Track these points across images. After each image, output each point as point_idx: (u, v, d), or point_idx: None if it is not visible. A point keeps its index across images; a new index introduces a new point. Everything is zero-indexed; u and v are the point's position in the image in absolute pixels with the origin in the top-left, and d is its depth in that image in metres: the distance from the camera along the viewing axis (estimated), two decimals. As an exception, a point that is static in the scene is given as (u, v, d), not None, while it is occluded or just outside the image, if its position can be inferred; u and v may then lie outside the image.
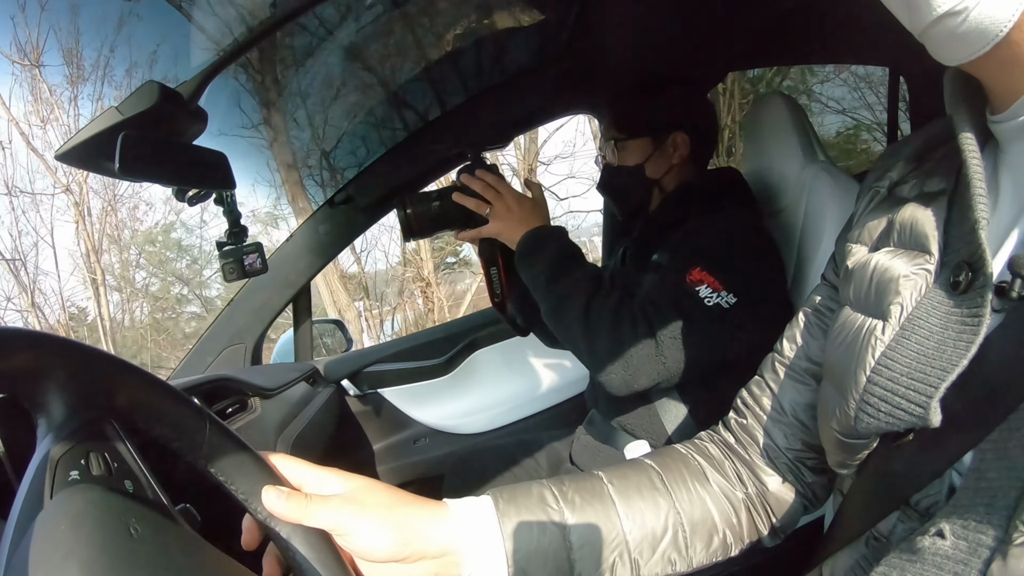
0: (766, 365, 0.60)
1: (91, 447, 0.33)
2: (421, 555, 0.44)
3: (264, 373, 1.25)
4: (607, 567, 0.50)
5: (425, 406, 1.62)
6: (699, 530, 0.53)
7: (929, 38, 0.34)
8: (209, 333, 1.49)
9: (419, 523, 0.44)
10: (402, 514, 0.44)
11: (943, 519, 0.35)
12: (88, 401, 0.35)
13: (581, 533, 0.49)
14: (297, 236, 1.49)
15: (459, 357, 1.64)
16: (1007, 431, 0.33)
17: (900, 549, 0.38)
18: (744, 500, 0.56)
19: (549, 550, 0.48)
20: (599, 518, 0.50)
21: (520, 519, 0.48)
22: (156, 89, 0.73)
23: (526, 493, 0.50)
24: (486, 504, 0.48)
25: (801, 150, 1.08)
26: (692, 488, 0.55)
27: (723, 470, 0.58)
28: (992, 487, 0.33)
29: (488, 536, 0.47)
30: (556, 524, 0.49)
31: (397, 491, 0.46)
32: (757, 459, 0.58)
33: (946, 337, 0.37)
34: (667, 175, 1.13)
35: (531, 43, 1.31)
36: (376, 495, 0.44)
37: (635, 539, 0.51)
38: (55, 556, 0.27)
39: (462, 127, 1.44)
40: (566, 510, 0.50)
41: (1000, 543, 0.32)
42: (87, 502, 0.30)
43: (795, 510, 0.57)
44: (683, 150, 1.11)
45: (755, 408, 0.59)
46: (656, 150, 1.11)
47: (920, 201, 0.44)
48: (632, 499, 0.52)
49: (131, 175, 0.72)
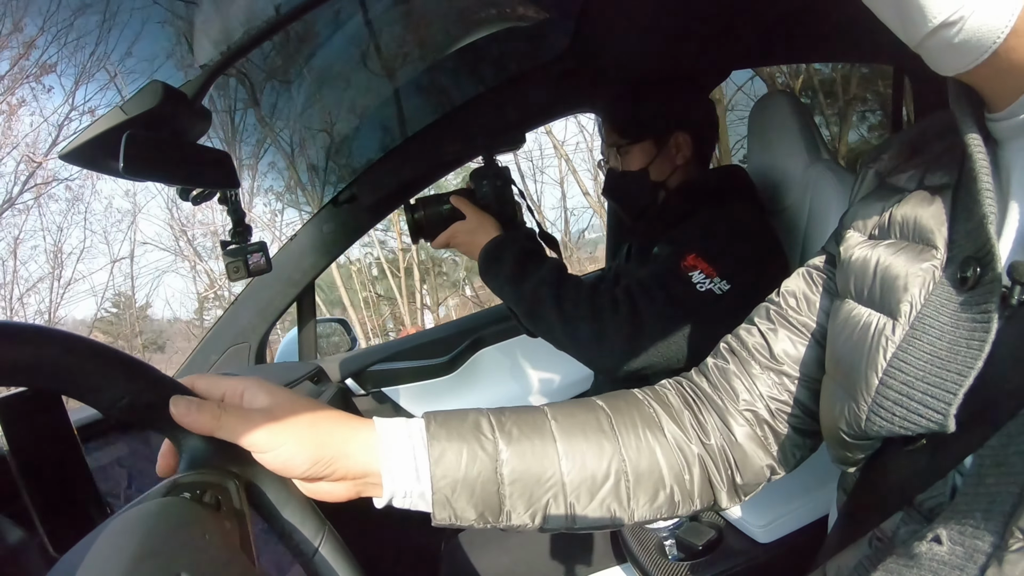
0: (759, 312, 0.58)
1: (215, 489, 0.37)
2: (342, 474, 0.43)
3: (268, 372, 1.25)
4: (540, 507, 0.47)
5: (429, 405, 1.63)
6: (644, 481, 0.50)
7: (926, 50, 0.34)
8: (213, 332, 1.50)
9: (340, 441, 0.43)
10: (323, 431, 0.42)
11: (941, 525, 0.35)
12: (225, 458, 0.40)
13: (514, 468, 0.46)
14: (301, 235, 1.49)
15: (463, 356, 1.64)
16: (1006, 437, 0.33)
17: (898, 554, 0.38)
18: (700, 456, 0.53)
19: (477, 481, 0.45)
20: (536, 454, 0.47)
21: (450, 444, 0.45)
22: (160, 88, 0.73)
23: (461, 418, 0.48)
24: (416, 426, 0.46)
25: (805, 149, 1.08)
26: (642, 436, 0.51)
27: (680, 421, 0.54)
28: (990, 493, 0.33)
29: (413, 459, 0.45)
30: (488, 455, 0.46)
31: (322, 407, 0.44)
32: (731, 406, 0.54)
33: (958, 337, 0.37)
34: (671, 176, 1.13)
35: (533, 42, 1.31)
36: (297, 411, 0.42)
37: (573, 481, 0.48)
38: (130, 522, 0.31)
39: (465, 126, 1.44)
40: (501, 441, 0.47)
41: (996, 549, 0.32)
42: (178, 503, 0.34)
43: (760, 469, 0.54)
44: (686, 150, 1.11)
45: (741, 353, 0.56)
46: (659, 153, 1.11)
47: (921, 194, 0.44)
48: (575, 438, 0.49)
49: (135, 175, 0.72)
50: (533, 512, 0.47)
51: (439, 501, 0.45)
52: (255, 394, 0.42)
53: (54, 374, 0.34)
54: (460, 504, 0.45)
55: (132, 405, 0.37)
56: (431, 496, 0.45)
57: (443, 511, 0.45)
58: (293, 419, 0.41)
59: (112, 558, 0.28)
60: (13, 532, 0.53)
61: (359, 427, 0.45)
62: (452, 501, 0.45)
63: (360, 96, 1.37)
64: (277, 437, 0.40)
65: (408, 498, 0.45)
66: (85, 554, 0.28)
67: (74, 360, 0.35)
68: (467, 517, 0.46)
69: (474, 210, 1.03)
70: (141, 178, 0.74)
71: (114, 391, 0.36)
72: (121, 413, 0.37)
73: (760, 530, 0.85)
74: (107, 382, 0.36)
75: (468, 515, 0.46)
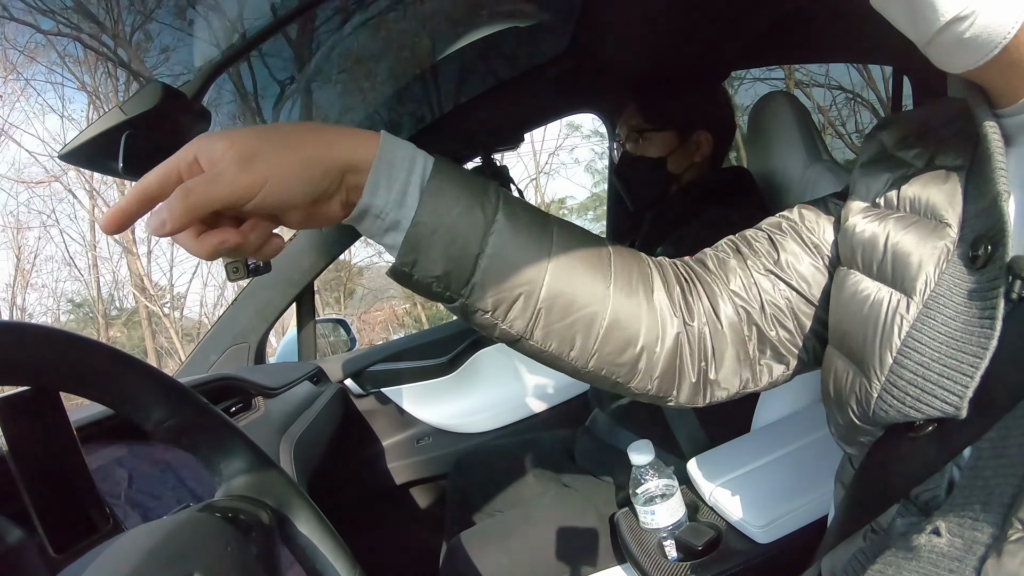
0: (770, 222, 0.55)
1: (248, 515, 0.37)
2: (337, 187, 0.39)
3: (268, 372, 1.25)
4: (506, 298, 0.43)
5: (428, 405, 1.63)
6: (618, 329, 0.47)
7: (935, 47, 0.34)
8: (213, 332, 1.50)
9: (332, 152, 0.38)
10: (308, 146, 0.38)
11: (940, 517, 0.35)
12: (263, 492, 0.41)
13: (503, 242, 0.42)
14: (301, 236, 1.49)
15: (462, 356, 1.64)
16: (1005, 430, 0.33)
17: (897, 547, 0.38)
18: (678, 335, 0.50)
19: (460, 235, 0.41)
20: (530, 243, 0.44)
21: (453, 186, 0.41)
22: (159, 88, 0.73)
23: (474, 174, 0.44)
24: (425, 157, 0.42)
25: (804, 149, 1.08)
26: (634, 287, 0.48)
27: (670, 293, 0.51)
28: (989, 485, 0.33)
29: (408, 186, 0.41)
30: (484, 217, 0.42)
31: (299, 124, 0.40)
32: (724, 292, 0.51)
33: (971, 317, 0.37)
34: (686, 171, 1.13)
35: (534, 42, 1.31)
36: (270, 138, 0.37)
37: (551, 290, 0.44)
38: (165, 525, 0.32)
39: (465, 126, 1.44)
40: (502, 212, 0.43)
41: (995, 540, 0.32)
42: (208, 517, 0.35)
43: (734, 370, 0.51)
44: (705, 149, 1.11)
45: (745, 251, 0.53)
46: (680, 146, 1.11)
47: (933, 173, 0.44)
48: (572, 251, 0.46)
49: (135, 175, 0.72)
50: (498, 300, 0.43)
51: (411, 238, 0.40)
52: (211, 148, 0.37)
53: (106, 389, 0.36)
54: (431, 252, 0.41)
55: (177, 427, 0.38)
56: (406, 228, 0.40)
57: (409, 254, 0.41)
58: (268, 147, 0.37)
59: (130, 550, 0.29)
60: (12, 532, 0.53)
61: (356, 136, 0.40)
62: (424, 246, 0.40)
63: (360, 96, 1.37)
64: (258, 174, 0.36)
65: (381, 220, 0.41)
66: (109, 547, 0.29)
67: (129, 379, 0.36)
68: (429, 271, 0.41)
69: None
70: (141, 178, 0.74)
71: (162, 412, 0.38)
72: (167, 433, 0.38)
73: (760, 530, 0.85)
74: (156, 403, 0.37)
75: (432, 268, 0.41)
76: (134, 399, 0.36)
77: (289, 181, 0.37)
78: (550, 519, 1.05)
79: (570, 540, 1.03)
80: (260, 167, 0.36)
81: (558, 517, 1.05)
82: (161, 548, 0.30)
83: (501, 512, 1.25)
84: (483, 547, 1.05)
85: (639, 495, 0.90)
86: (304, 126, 0.39)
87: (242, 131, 0.37)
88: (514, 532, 1.05)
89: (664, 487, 0.90)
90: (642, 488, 0.90)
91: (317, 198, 0.39)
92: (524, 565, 1.02)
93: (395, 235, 0.41)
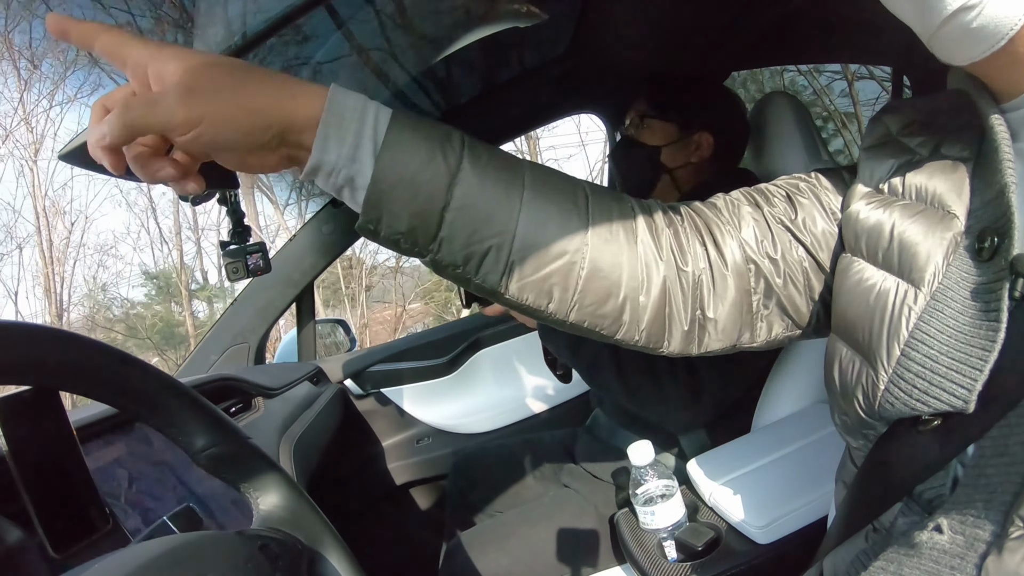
0: (788, 180, 0.53)
1: (278, 545, 0.38)
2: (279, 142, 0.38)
3: (268, 373, 1.25)
4: (478, 251, 0.41)
5: (428, 406, 1.63)
6: (599, 279, 0.44)
7: (940, 38, 0.34)
8: (213, 333, 1.50)
9: (277, 105, 0.37)
10: (253, 95, 0.36)
11: (942, 514, 0.35)
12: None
13: (469, 192, 0.40)
14: (301, 236, 1.49)
15: (462, 357, 1.64)
16: (1007, 427, 0.33)
17: (899, 544, 0.38)
18: (665, 278, 0.47)
19: (424, 188, 0.39)
20: (498, 190, 0.41)
21: (412, 136, 0.39)
22: (160, 89, 0.73)
23: (434, 122, 0.41)
24: (379, 107, 0.40)
25: (804, 149, 1.08)
26: (614, 231, 0.45)
27: (657, 237, 0.47)
28: (991, 483, 0.33)
29: (360, 139, 0.38)
30: (447, 166, 0.39)
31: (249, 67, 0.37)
32: (734, 237, 0.48)
33: (978, 310, 0.36)
34: (682, 169, 1.12)
35: (534, 42, 1.31)
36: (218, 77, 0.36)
37: (524, 238, 0.41)
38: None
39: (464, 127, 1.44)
40: (467, 159, 0.40)
41: (997, 537, 0.32)
42: (237, 537, 0.36)
43: (732, 322, 0.48)
44: (705, 151, 1.11)
45: (761, 202, 0.50)
46: (679, 140, 1.11)
47: (938, 162, 0.43)
48: (544, 196, 0.43)
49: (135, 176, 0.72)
50: (468, 254, 0.41)
51: (371, 195, 0.38)
52: (164, 65, 0.35)
53: (158, 413, 0.38)
54: (394, 207, 0.39)
55: (218, 457, 0.40)
56: (366, 187, 0.38)
57: (371, 211, 0.39)
58: (214, 86, 0.35)
59: (154, 549, 0.30)
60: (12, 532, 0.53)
61: (302, 89, 0.38)
62: (386, 200, 0.38)
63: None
64: (195, 111, 0.34)
65: (333, 178, 0.39)
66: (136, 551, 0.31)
67: (176, 405, 0.39)
68: (395, 227, 0.39)
69: None
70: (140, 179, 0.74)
71: (205, 440, 0.39)
72: (207, 461, 0.40)
73: (760, 531, 0.85)
74: (200, 431, 0.39)
75: (397, 224, 0.39)
76: (180, 425, 0.39)
77: (225, 127, 0.35)
78: (550, 519, 1.05)
79: (570, 540, 1.03)
80: (199, 106, 0.35)
81: (558, 517, 1.05)
82: (181, 549, 0.31)
83: (501, 512, 1.24)
84: (483, 547, 1.05)
85: (639, 495, 0.90)
86: (257, 72, 0.37)
87: (197, 58, 0.36)
88: (514, 532, 1.05)
89: (664, 487, 0.90)
90: (642, 488, 0.90)
91: (252, 149, 0.37)
92: (524, 565, 1.02)
93: (351, 191, 0.40)
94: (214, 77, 0.35)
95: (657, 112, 1.12)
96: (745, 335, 0.50)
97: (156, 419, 0.38)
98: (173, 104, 0.34)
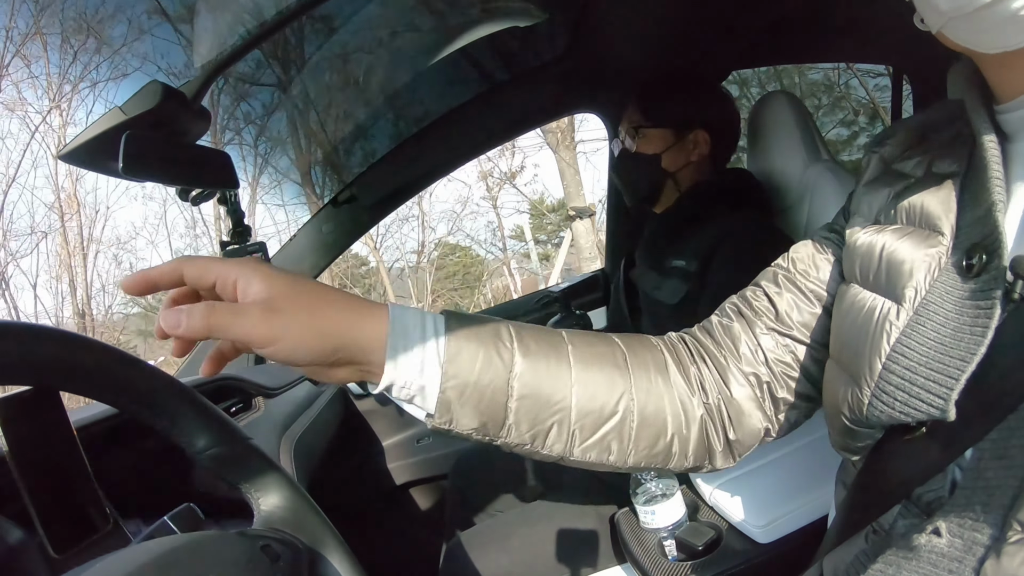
0: (766, 276, 0.56)
1: (279, 545, 0.38)
2: (347, 360, 0.41)
3: (268, 372, 1.25)
4: (542, 429, 0.45)
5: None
6: (648, 425, 0.49)
7: (974, 20, 0.32)
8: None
9: (347, 328, 0.40)
10: (326, 320, 0.39)
11: (941, 517, 0.35)
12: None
13: (527, 382, 0.44)
14: (301, 235, 1.49)
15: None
16: (1007, 431, 0.33)
17: (898, 547, 0.38)
18: (702, 417, 0.52)
19: (488, 388, 0.43)
20: (550, 373, 0.45)
21: (468, 344, 0.43)
22: (159, 89, 0.73)
23: (482, 321, 0.46)
24: (434, 320, 0.44)
25: (804, 149, 1.08)
26: (653, 380, 0.50)
27: (686, 374, 0.53)
28: (990, 486, 0.33)
29: (422, 350, 0.42)
30: (503, 363, 0.44)
31: (326, 290, 0.41)
32: (733, 365, 0.53)
33: (962, 324, 0.37)
34: (683, 170, 1.13)
35: (533, 43, 1.31)
36: (296, 299, 0.39)
37: (581, 410, 0.46)
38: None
39: (464, 126, 1.44)
40: (518, 352, 0.45)
41: (995, 541, 0.32)
42: (239, 538, 0.36)
43: (755, 430, 0.53)
44: (702, 148, 1.11)
45: (748, 313, 0.55)
46: (676, 143, 1.12)
47: (928, 180, 0.44)
48: (590, 367, 0.47)
49: (135, 175, 0.72)
50: (534, 433, 0.45)
51: (443, 402, 0.42)
52: (249, 282, 0.39)
53: (161, 414, 0.38)
54: (464, 410, 0.42)
55: (220, 457, 0.40)
56: (436, 395, 0.42)
57: (444, 415, 0.42)
58: (292, 309, 0.38)
59: (155, 549, 0.31)
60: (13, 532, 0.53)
61: (367, 312, 0.42)
62: (457, 405, 0.42)
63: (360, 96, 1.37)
64: (275, 330, 0.38)
65: (407, 389, 0.42)
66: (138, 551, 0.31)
67: (179, 406, 0.39)
68: (466, 425, 0.43)
69: None
70: (140, 178, 0.74)
71: (206, 441, 0.39)
72: (209, 461, 0.40)
73: (760, 530, 0.85)
74: (202, 432, 0.39)
75: (467, 423, 0.43)
76: (181, 425, 0.39)
77: (300, 347, 0.39)
78: (550, 519, 1.05)
79: (570, 540, 1.03)
80: (278, 326, 0.38)
81: (558, 517, 1.05)
82: (184, 549, 0.31)
83: (501, 512, 1.25)
84: (483, 547, 1.05)
85: (639, 495, 0.90)
86: (331, 294, 0.41)
87: (280, 280, 0.39)
88: (514, 532, 1.05)
89: (664, 487, 0.90)
90: (642, 488, 0.90)
91: (323, 365, 0.40)
92: (524, 565, 1.02)
93: (422, 398, 0.43)
94: (293, 300, 0.39)
95: (650, 120, 1.13)
96: (770, 435, 0.54)
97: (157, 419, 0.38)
98: (256, 320, 0.37)
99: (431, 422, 0.43)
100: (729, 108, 1.18)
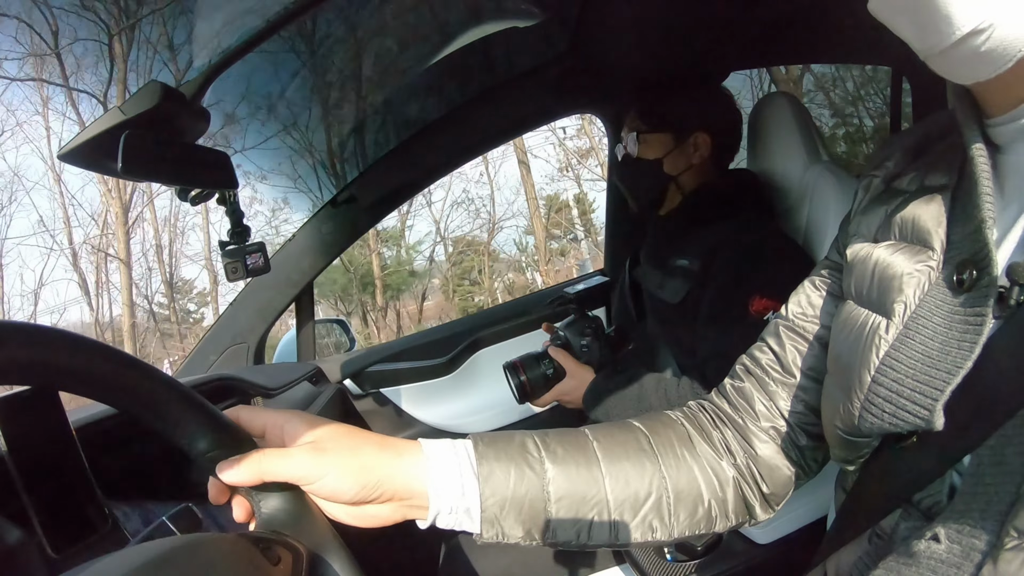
0: (768, 330, 0.58)
1: (280, 548, 0.38)
2: (389, 496, 0.44)
3: (267, 373, 1.25)
4: (584, 525, 0.48)
5: (428, 406, 1.62)
6: (684, 498, 0.51)
7: (945, 58, 0.33)
8: (212, 332, 1.50)
9: (385, 464, 0.43)
10: (367, 457, 0.43)
11: (940, 523, 0.36)
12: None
13: (560, 485, 0.47)
14: (300, 236, 1.49)
15: (462, 357, 1.64)
16: (1004, 437, 0.33)
17: (899, 552, 0.38)
18: (734, 478, 0.54)
19: (526, 499, 0.46)
20: (581, 472, 0.49)
21: (499, 464, 0.46)
22: (159, 89, 0.73)
23: (508, 439, 0.49)
24: (462, 445, 0.47)
25: (804, 150, 1.08)
26: (680, 454, 0.53)
27: (711, 440, 0.56)
28: (988, 492, 0.34)
29: (459, 476, 0.45)
30: (536, 474, 0.47)
31: (364, 434, 0.45)
32: (751, 424, 0.55)
33: (950, 338, 0.37)
34: (685, 173, 1.13)
35: (533, 43, 1.31)
36: (339, 440, 0.43)
37: (617, 499, 0.49)
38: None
39: (464, 127, 1.45)
40: (547, 461, 0.48)
41: (992, 547, 0.32)
42: (239, 540, 0.36)
43: (787, 479, 0.55)
44: (704, 150, 1.11)
45: (756, 371, 0.57)
46: (677, 147, 1.12)
47: (921, 195, 0.44)
48: (617, 458, 0.51)
49: (134, 175, 0.72)
50: (578, 529, 0.48)
51: (488, 519, 0.45)
52: (296, 427, 0.43)
53: (161, 417, 0.38)
54: (508, 522, 0.46)
55: (220, 458, 0.40)
56: (479, 514, 0.45)
57: (491, 529, 0.45)
58: (335, 449, 0.42)
59: (154, 550, 0.31)
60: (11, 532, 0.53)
61: (403, 449, 0.45)
62: (500, 519, 0.45)
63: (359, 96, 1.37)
64: (320, 468, 0.41)
65: (454, 514, 0.46)
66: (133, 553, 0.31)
67: (178, 407, 0.39)
68: (514, 534, 0.46)
69: (574, 364, 1.11)
70: (140, 178, 0.74)
71: (206, 443, 0.40)
72: (209, 463, 0.40)
73: (759, 531, 0.85)
74: (202, 433, 0.40)
75: (515, 532, 0.46)
76: (182, 427, 0.39)
77: (345, 478, 0.42)
78: (550, 519, 1.05)
79: (569, 540, 1.03)
80: (325, 462, 0.41)
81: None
82: (183, 550, 0.31)
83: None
84: (482, 548, 1.04)
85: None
86: (369, 438, 0.45)
87: (323, 425, 0.44)
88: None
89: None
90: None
91: (366, 500, 0.43)
92: (523, 565, 1.02)
93: (471, 519, 0.46)
94: (336, 440, 0.43)
95: (650, 125, 1.13)
96: (802, 478, 0.56)
97: (157, 421, 0.38)
98: (304, 459, 0.41)
99: (480, 540, 0.46)
100: (730, 108, 1.18)
